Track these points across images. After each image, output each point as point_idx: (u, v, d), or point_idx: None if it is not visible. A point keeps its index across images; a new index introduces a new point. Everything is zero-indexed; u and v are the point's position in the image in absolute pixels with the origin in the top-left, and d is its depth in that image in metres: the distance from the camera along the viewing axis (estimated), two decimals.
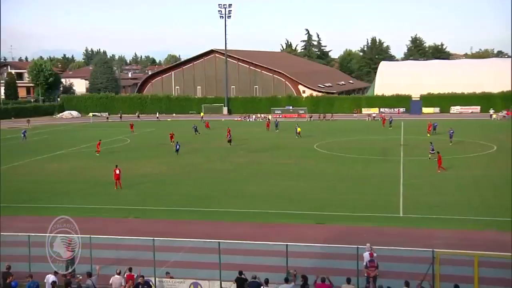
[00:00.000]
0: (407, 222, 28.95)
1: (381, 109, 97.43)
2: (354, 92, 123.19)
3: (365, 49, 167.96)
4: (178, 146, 53.71)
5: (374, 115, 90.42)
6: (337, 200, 34.03)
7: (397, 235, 26.51)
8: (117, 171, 38.67)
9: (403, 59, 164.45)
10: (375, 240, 23.75)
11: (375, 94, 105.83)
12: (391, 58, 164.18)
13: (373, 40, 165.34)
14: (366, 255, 20.15)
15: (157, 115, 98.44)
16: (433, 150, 46.55)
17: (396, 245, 23.31)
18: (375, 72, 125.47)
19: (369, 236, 25.61)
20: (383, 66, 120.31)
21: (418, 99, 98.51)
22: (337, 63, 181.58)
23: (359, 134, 68.32)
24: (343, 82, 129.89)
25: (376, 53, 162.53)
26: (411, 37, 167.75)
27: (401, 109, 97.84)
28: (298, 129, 65.56)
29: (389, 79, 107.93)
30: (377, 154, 51.37)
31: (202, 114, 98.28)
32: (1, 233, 25.15)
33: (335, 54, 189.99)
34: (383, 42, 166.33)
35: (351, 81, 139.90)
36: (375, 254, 20.20)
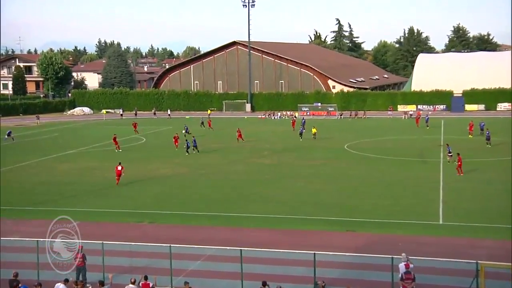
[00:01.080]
0: (447, 230, 28.63)
1: (419, 106, 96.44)
2: (389, 88, 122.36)
3: (402, 40, 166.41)
4: (188, 144, 54.05)
5: (411, 112, 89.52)
6: (369, 205, 33.82)
7: (436, 245, 26.24)
8: (119, 168, 41.18)
9: (443, 51, 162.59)
10: (411, 249, 23.56)
11: (412, 89, 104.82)
12: (431, 50, 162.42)
13: (411, 30, 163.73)
14: (402, 266, 20.00)
15: (169, 112, 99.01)
16: (450, 152, 45.95)
17: (435, 256, 23.09)
18: (413, 66, 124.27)
19: (405, 245, 25.41)
20: (422, 58, 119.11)
21: (460, 95, 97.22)
22: (371, 55, 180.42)
23: (394, 134, 67.78)
24: (376, 77, 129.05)
25: (414, 44, 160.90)
26: (453, 26, 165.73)
27: (441, 106, 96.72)
28: (313, 130, 64.00)
29: (428, 73, 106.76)
30: (414, 156, 50.90)
31: (209, 111, 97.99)
32: (9, 238, 25.74)
33: (368, 46, 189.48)
34: (421, 33, 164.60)
35: (385, 76, 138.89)
36: (411, 266, 20.03)
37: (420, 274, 20.66)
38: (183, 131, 67.26)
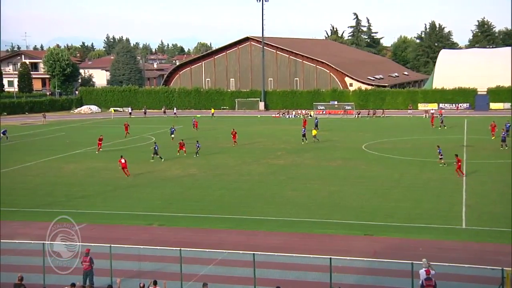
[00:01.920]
0: (471, 235, 28.44)
1: (441, 105, 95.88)
2: (409, 85, 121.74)
3: (423, 35, 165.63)
4: (199, 146, 53.54)
5: (432, 111, 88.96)
6: (388, 208, 33.70)
7: (458, 250, 26.10)
8: (123, 160, 44.14)
9: (467, 47, 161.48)
10: (433, 255, 23.43)
11: (433, 87, 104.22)
12: (453, 45, 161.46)
13: (432, 25, 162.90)
14: (422, 272, 19.91)
15: (175, 111, 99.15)
16: (441, 154, 45.61)
17: (458, 262, 22.96)
18: (434, 62, 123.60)
19: (425, 250, 25.31)
20: (444, 55, 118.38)
21: (485, 93, 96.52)
22: (390, 52, 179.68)
23: (414, 134, 67.45)
24: (396, 74, 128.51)
25: (436, 40, 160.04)
26: (478, 21, 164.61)
27: (465, 105, 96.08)
28: (314, 132, 62.41)
29: (451, 70, 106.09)
30: (436, 157, 50.52)
31: (213, 110, 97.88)
32: (14, 241, 25.99)
33: (387, 41, 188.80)
34: (444, 27, 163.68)
35: (405, 73, 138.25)
36: (432, 272, 19.92)
37: (442, 281, 20.55)
38: (170, 134, 65.07)
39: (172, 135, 64.41)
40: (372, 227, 29.95)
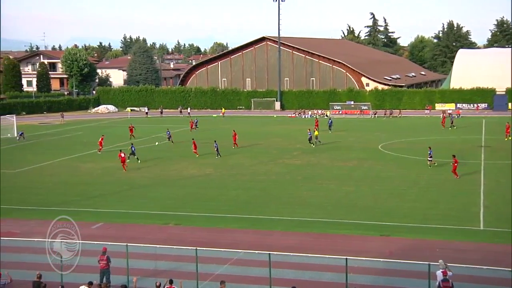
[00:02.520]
0: (489, 236, 28.22)
1: (458, 105, 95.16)
2: (426, 85, 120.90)
3: (440, 35, 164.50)
4: (216, 145, 53.32)
5: (450, 111, 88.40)
6: (405, 209, 33.54)
7: (476, 251, 25.92)
8: (122, 154, 46.51)
9: (485, 46, 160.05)
10: (450, 256, 23.27)
11: (451, 87, 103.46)
12: (471, 45, 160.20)
13: (450, 24, 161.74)
14: (439, 273, 19.78)
15: (188, 111, 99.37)
16: (431, 156, 45.26)
17: (475, 263, 22.78)
18: (452, 62, 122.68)
19: (442, 251, 25.15)
20: (462, 54, 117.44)
21: (504, 93, 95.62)
22: (407, 51, 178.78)
23: (431, 134, 67.00)
24: (413, 74, 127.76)
25: (454, 39, 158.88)
26: (496, 20, 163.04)
27: (483, 105, 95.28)
28: (316, 133, 60.97)
29: (469, 70, 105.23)
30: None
31: (223, 110, 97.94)
32: (32, 239, 26.27)
33: (404, 41, 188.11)
34: (462, 27, 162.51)
35: (423, 73, 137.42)
36: (449, 273, 19.79)
37: (459, 283, 20.41)
38: (167, 138, 64.11)
39: (170, 139, 63.32)
40: (388, 227, 29.83)
